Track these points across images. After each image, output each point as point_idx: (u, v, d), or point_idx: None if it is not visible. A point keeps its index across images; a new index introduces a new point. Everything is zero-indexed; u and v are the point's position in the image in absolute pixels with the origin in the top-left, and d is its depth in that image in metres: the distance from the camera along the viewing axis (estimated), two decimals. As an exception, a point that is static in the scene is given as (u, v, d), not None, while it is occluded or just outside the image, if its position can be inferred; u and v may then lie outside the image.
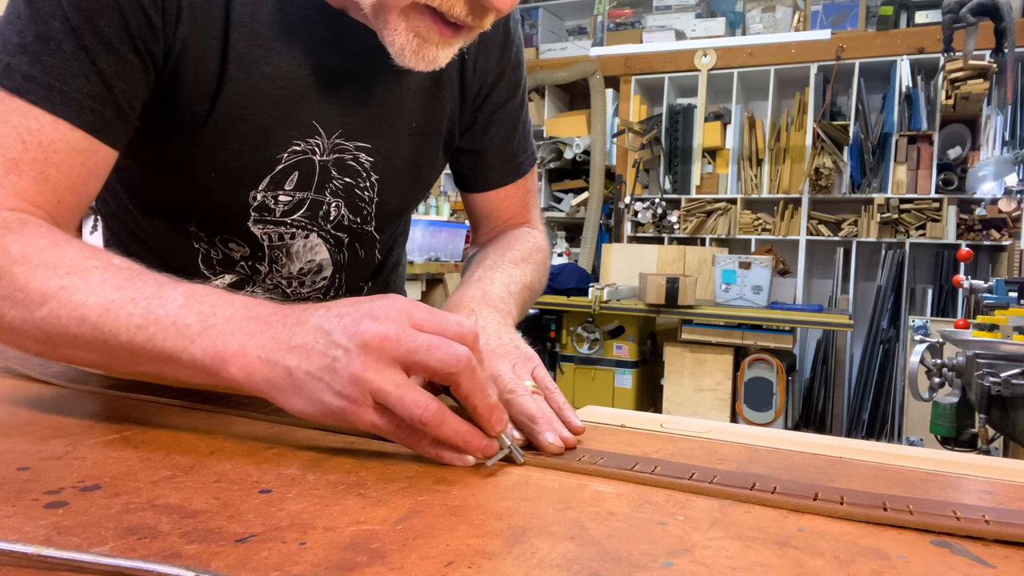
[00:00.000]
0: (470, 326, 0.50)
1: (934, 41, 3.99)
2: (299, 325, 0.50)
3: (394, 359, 0.47)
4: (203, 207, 0.77)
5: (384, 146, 0.78)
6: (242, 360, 0.50)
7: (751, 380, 3.52)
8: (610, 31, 5.06)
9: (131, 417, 0.60)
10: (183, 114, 0.68)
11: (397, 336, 0.47)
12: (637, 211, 4.78)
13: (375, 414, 0.48)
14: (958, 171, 4.13)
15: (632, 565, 0.36)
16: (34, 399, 0.65)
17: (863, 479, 0.51)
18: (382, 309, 0.49)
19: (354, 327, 0.48)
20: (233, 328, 0.51)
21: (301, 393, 0.49)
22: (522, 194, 0.93)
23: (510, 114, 0.88)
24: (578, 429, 0.58)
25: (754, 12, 4.79)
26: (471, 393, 0.49)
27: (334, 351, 0.48)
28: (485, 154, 0.88)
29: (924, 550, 0.39)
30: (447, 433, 0.48)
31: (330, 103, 0.73)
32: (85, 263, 0.55)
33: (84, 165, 0.62)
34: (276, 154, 0.73)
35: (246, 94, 0.69)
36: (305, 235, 0.80)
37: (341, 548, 0.36)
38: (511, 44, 0.85)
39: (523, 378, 0.59)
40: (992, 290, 2.18)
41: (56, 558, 0.33)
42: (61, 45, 0.59)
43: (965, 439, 1.74)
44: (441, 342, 0.48)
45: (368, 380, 0.47)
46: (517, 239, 0.89)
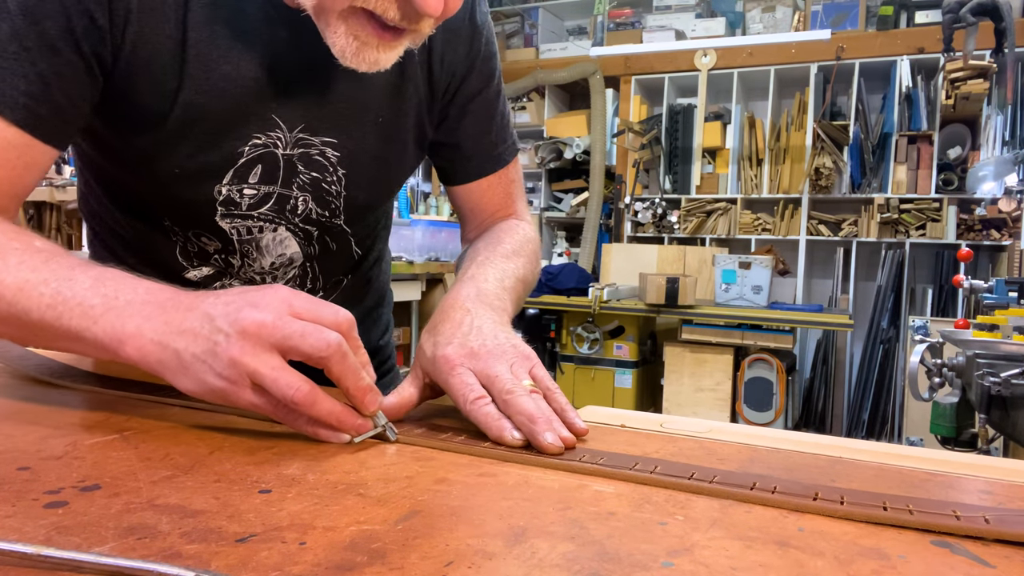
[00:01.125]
0: (345, 315, 0.54)
1: (934, 41, 3.99)
2: (190, 311, 0.54)
3: (271, 344, 0.51)
4: (171, 202, 0.79)
5: (350, 141, 0.80)
6: (137, 341, 0.54)
7: (751, 380, 3.52)
8: (610, 31, 5.06)
9: (131, 417, 0.60)
10: (143, 112, 0.71)
11: (273, 323, 0.51)
12: (637, 211, 4.78)
13: (253, 395, 0.52)
14: (958, 171, 4.13)
15: (632, 565, 0.36)
16: (34, 399, 0.65)
17: (863, 479, 0.51)
18: (264, 298, 0.53)
19: (235, 314, 0.52)
20: (132, 311, 0.55)
21: (187, 374, 0.53)
22: (505, 185, 0.93)
23: (485, 105, 0.88)
24: (580, 431, 0.58)
25: (754, 12, 4.79)
26: (342, 376, 0.53)
27: (216, 336, 0.52)
28: (462, 146, 0.89)
29: (924, 550, 0.39)
30: (320, 412, 0.53)
31: (291, 99, 0.75)
32: (7, 245, 0.59)
33: (20, 159, 0.66)
34: (237, 148, 0.75)
35: (207, 92, 0.71)
36: (273, 228, 0.81)
37: (341, 548, 0.36)
38: (479, 35, 0.85)
39: (521, 378, 0.60)
40: (992, 290, 2.18)
41: (56, 558, 0.33)
42: (5, 47, 0.63)
43: (965, 439, 1.74)
44: (314, 329, 0.52)
45: (245, 363, 0.51)
46: (506, 232, 0.89)
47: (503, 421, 0.56)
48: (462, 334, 0.64)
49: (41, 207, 3.49)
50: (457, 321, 0.66)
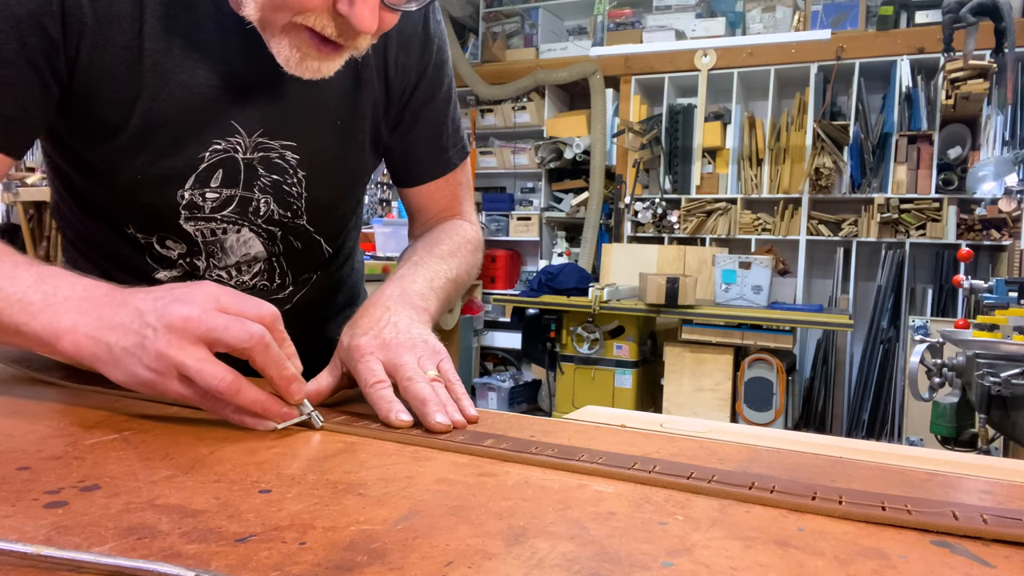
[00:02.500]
0: (269, 308, 0.57)
1: (934, 41, 3.99)
2: (122, 307, 0.57)
3: (196, 337, 0.54)
4: (135, 208, 0.81)
5: (309, 144, 0.82)
6: (72, 336, 0.56)
7: (751, 380, 3.52)
8: (610, 31, 5.06)
9: (131, 417, 0.60)
10: (103, 121, 0.74)
11: (199, 317, 0.54)
12: (637, 211, 4.78)
13: (180, 385, 0.55)
14: (958, 171, 4.13)
15: (632, 565, 0.36)
16: (34, 399, 0.65)
17: (863, 479, 0.51)
18: (191, 294, 0.56)
19: (163, 309, 0.54)
20: (69, 308, 0.58)
21: (119, 366, 0.55)
22: (452, 187, 0.97)
23: (436, 111, 0.92)
24: (471, 417, 0.62)
25: (754, 12, 4.78)
26: (266, 366, 0.56)
27: (145, 330, 0.54)
28: (414, 150, 0.92)
29: (924, 550, 0.39)
30: (244, 401, 0.55)
31: (248, 105, 0.77)
32: None
33: None
34: (198, 153, 0.77)
35: (164, 100, 0.73)
36: (237, 229, 0.84)
37: (341, 548, 0.36)
38: (431, 44, 0.89)
39: (427, 368, 0.64)
40: (992, 290, 2.18)
41: (56, 558, 0.33)
42: None
43: (965, 439, 1.74)
44: (237, 322, 0.54)
45: (171, 356, 0.53)
46: (446, 233, 0.93)
47: (394, 404, 0.60)
48: (377, 328, 0.68)
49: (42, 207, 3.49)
50: (376, 317, 0.70)
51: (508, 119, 5.39)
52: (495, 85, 5.19)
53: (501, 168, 5.46)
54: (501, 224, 5.40)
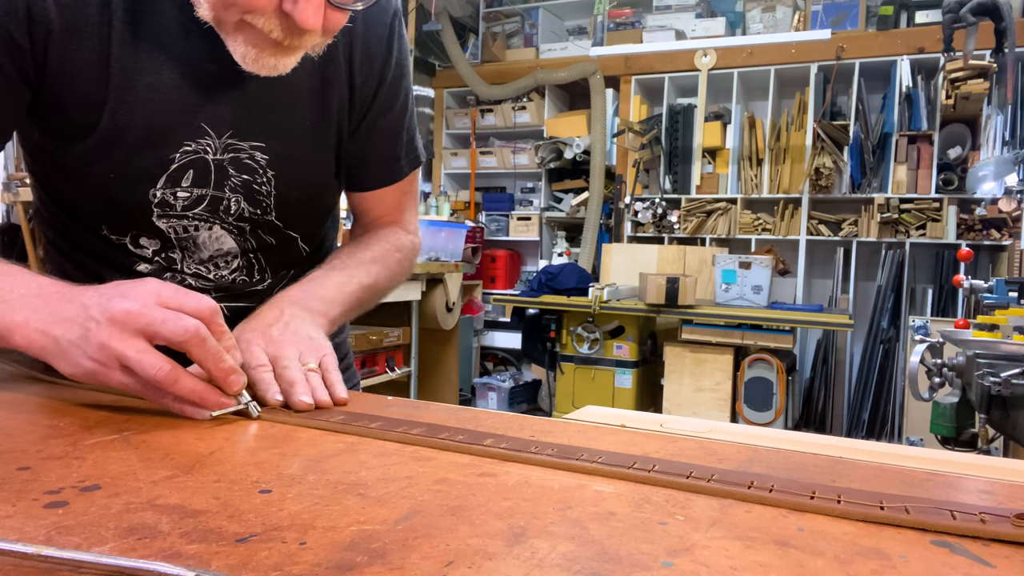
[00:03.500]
0: (208, 303, 0.60)
1: (934, 41, 3.99)
2: (70, 302, 0.60)
3: (136, 330, 0.57)
4: (108, 207, 0.83)
5: (277, 144, 0.84)
6: (24, 330, 0.60)
7: (751, 380, 3.52)
8: (610, 31, 5.06)
9: (131, 417, 0.60)
10: (73, 122, 0.76)
11: (139, 311, 0.57)
12: (637, 211, 4.78)
13: (123, 375, 0.57)
14: (958, 171, 4.13)
15: (632, 565, 0.36)
16: (34, 398, 0.65)
17: (863, 479, 0.51)
18: (133, 289, 0.59)
19: (106, 303, 0.57)
20: (23, 304, 0.61)
21: (65, 357, 0.58)
22: (397, 196, 1.00)
23: (392, 122, 0.94)
24: (340, 399, 0.67)
25: (754, 12, 4.78)
26: (203, 359, 0.58)
27: (89, 323, 0.57)
28: (368, 157, 0.95)
29: (924, 550, 0.39)
30: (182, 390, 0.58)
31: (216, 106, 0.79)
32: None
33: None
34: (168, 155, 0.79)
35: (131, 102, 0.75)
36: (208, 227, 0.86)
37: (341, 548, 0.36)
38: (391, 56, 0.91)
39: (307, 361, 0.69)
40: (992, 290, 2.18)
41: (56, 558, 0.33)
42: None
43: (965, 439, 1.74)
44: (175, 316, 0.57)
45: (112, 347, 0.56)
46: (377, 239, 0.97)
47: (270, 386, 0.65)
48: (265, 325, 0.73)
49: (41, 207, 3.48)
50: (268, 318, 0.75)
51: (508, 119, 5.39)
52: (495, 85, 5.19)
53: (501, 168, 5.46)
54: (501, 224, 5.40)
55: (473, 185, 5.48)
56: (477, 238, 4.94)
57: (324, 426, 0.60)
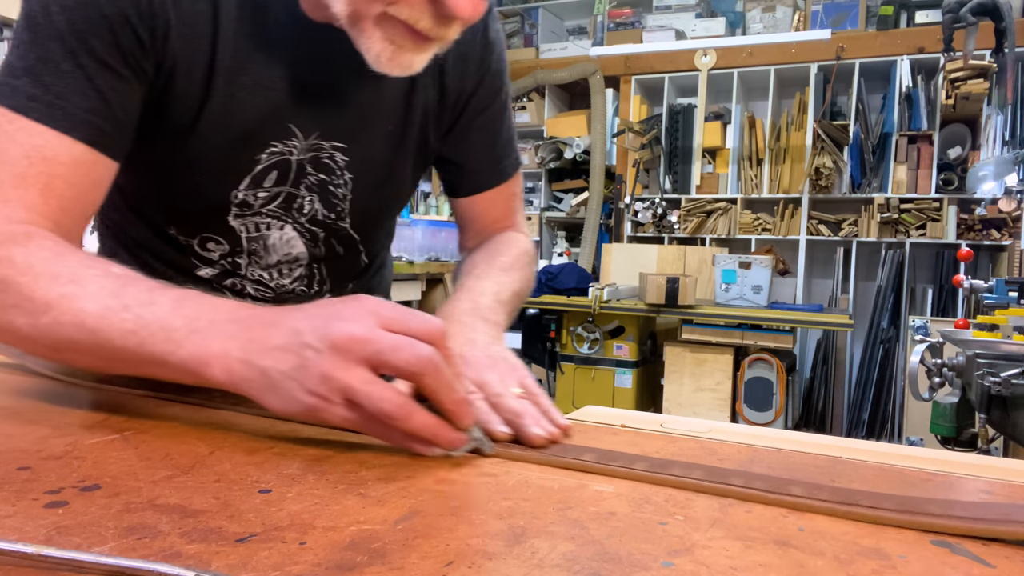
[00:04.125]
0: (437, 325, 0.52)
1: (934, 41, 3.99)
2: (274, 327, 0.52)
3: (362, 358, 0.49)
4: (185, 208, 0.80)
5: (359, 147, 0.82)
6: (223, 362, 0.52)
7: (751, 380, 3.52)
8: (610, 31, 5.06)
9: (131, 417, 0.60)
10: (171, 123, 0.73)
11: (364, 336, 0.49)
12: (637, 211, 4.78)
13: (345, 410, 0.50)
14: (958, 171, 4.13)
15: (632, 565, 0.36)
16: (34, 398, 0.65)
17: (863, 479, 0.51)
18: (350, 310, 0.51)
19: (324, 328, 0.50)
20: (216, 332, 0.53)
21: (276, 392, 0.51)
22: (507, 198, 0.95)
23: (491, 119, 0.90)
24: (564, 427, 0.60)
25: (754, 12, 4.78)
26: (437, 390, 0.51)
27: (305, 351, 0.50)
28: (469, 159, 0.91)
29: (924, 550, 0.39)
30: (415, 426, 0.50)
31: (308, 108, 0.77)
32: (84, 272, 0.58)
33: (87, 176, 0.66)
34: (255, 155, 0.77)
35: (228, 103, 0.73)
36: (280, 226, 0.83)
37: (341, 548, 0.36)
38: (490, 51, 0.87)
39: (510, 385, 0.62)
40: (992, 290, 2.18)
41: (56, 558, 0.33)
42: (60, 65, 0.63)
43: (965, 439, 1.74)
44: (407, 342, 0.50)
45: (337, 379, 0.49)
46: (504, 245, 0.91)
47: (491, 415, 0.58)
48: (456, 345, 0.66)
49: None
50: (452, 334, 0.67)
51: (508, 119, 5.38)
52: (495, 85, 5.19)
53: (501, 168, 5.45)
54: (501, 224, 5.39)
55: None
56: (477, 238, 4.93)
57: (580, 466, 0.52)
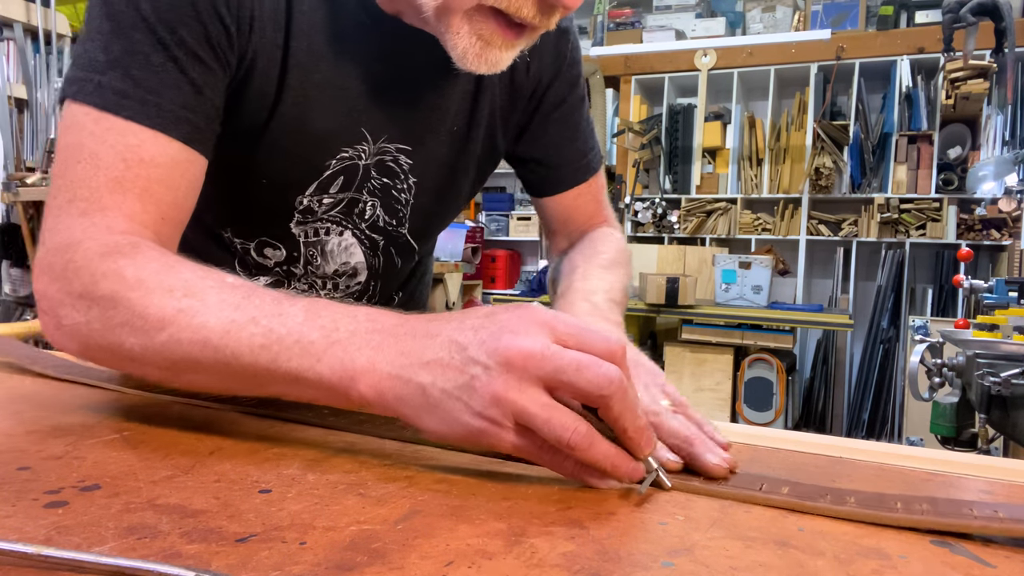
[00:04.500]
0: (618, 340, 0.46)
1: (934, 41, 3.99)
2: (430, 338, 0.47)
3: (538, 378, 0.44)
4: (249, 212, 0.76)
5: (424, 150, 0.78)
6: (372, 377, 0.47)
7: (751, 380, 3.52)
8: (610, 31, 5.06)
9: (131, 417, 0.60)
10: (245, 122, 0.68)
11: (542, 354, 0.44)
12: (637, 211, 4.78)
13: (517, 436, 0.45)
14: (958, 171, 4.13)
15: (632, 565, 0.36)
16: (34, 398, 0.65)
17: (864, 479, 0.51)
18: (520, 321, 0.45)
19: (493, 342, 0.44)
20: (359, 343, 0.48)
21: (436, 412, 0.45)
22: (595, 193, 0.91)
23: (570, 112, 0.86)
24: (725, 446, 0.53)
25: (754, 12, 4.78)
26: (622, 415, 0.45)
27: (472, 368, 0.44)
28: (551, 155, 0.87)
29: (924, 550, 0.39)
30: (596, 457, 0.45)
31: (379, 110, 0.73)
32: (200, 284, 0.53)
33: (184, 177, 0.62)
34: (325, 161, 0.73)
35: (301, 104, 0.68)
36: (340, 232, 0.79)
37: (341, 548, 0.36)
38: (566, 40, 0.83)
39: (657, 398, 0.56)
40: (992, 290, 2.18)
41: (56, 558, 0.33)
42: (149, 57, 0.59)
43: (965, 439, 1.74)
44: (591, 361, 0.44)
45: (511, 401, 0.43)
46: (601, 242, 0.86)
47: (660, 444, 0.52)
48: None
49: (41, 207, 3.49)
50: None
51: (508, 119, 5.38)
52: (495, 85, 5.19)
53: (501, 168, 5.43)
54: (501, 224, 5.39)
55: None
56: (477, 238, 4.93)
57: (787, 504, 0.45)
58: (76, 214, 0.58)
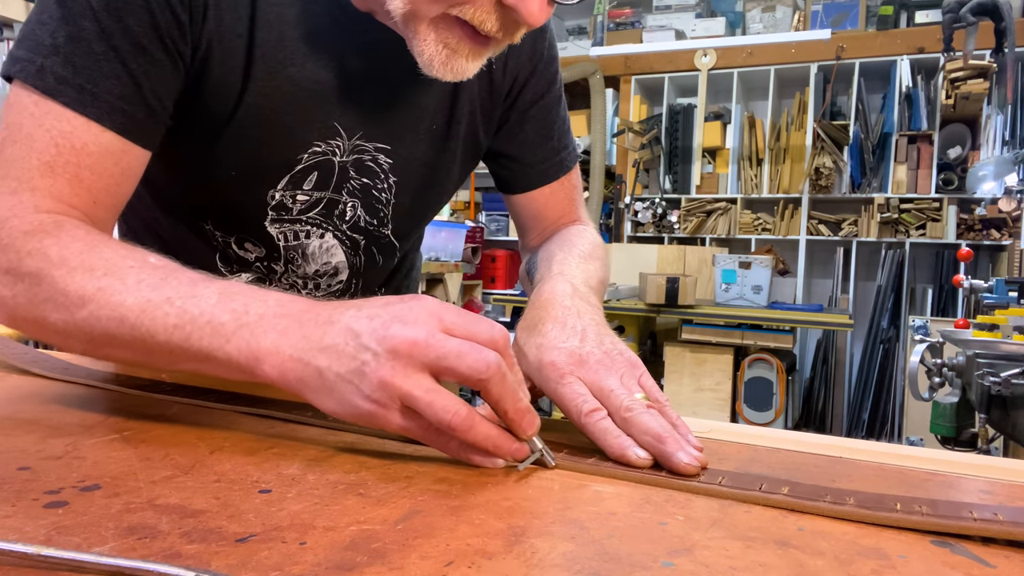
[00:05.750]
0: (500, 330, 0.50)
1: (934, 41, 3.99)
2: (330, 324, 0.50)
3: (423, 364, 0.47)
4: (221, 206, 0.77)
5: (403, 148, 0.78)
6: (275, 359, 0.50)
7: (751, 380, 3.51)
8: (610, 31, 5.06)
9: (131, 417, 0.60)
10: (207, 113, 0.69)
11: (426, 341, 0.47)
12: (637, 211, 4.78)
13: (403, 418, 0.48)
14: (958, 171, 4.13)
15: (632, 565, 0.36)
16: (34, 398, 0.65)
17: (863, 479, 0.51)
18: (412, 312, 0.48)
19: (383, 331, 0.47)
20: (266, 326, 0.51)
21: (332, 394, 0.49)
22: (568, 190, 0.91)
23: (546, 109, 0.86)
24: (698, 446, 0.52)
25: (754, 12, 4.79)
26: (501, 398, 0.48)
27: (363, 355, 0.47)
28: (524, 153, 0.87)
29: (924, 550, 0.39)
30: (477, 438, 0.48)
31: (353, 106, 0.73)
32: (121, 263, 0.55)
33: (117, 166, 0.63)
34: (297, 155, 0.73)
35: (270, 95, 0.69)
36: (320, 234, 0.79)
37: (341, 548, 0.36)
38: (543, 39, 0.83)
39: (633, 390, 0.56)
40: (992, 290, 2.18)
41: (56, 558, 0.33)
42: (92, 46, 0.60)
43: (965, 439, 1.74)
44: (471, 348, 0.47)
45: (397, 385, 0.47)
46: (577, 236, 0.86)
47: (623, 439, 0.52)
48: (566, 337, 0.60)
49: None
50: (560, 320, 0.62)
51: (508, 119, 5.38)
52: (495, 85, 5.19)
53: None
54: (501, 224, 5.40)
55: (473, 185, 5.47)
56: (477, 238, 4.94)
57: (786, 504, 0.45)
58: (6, 192, 0.60)
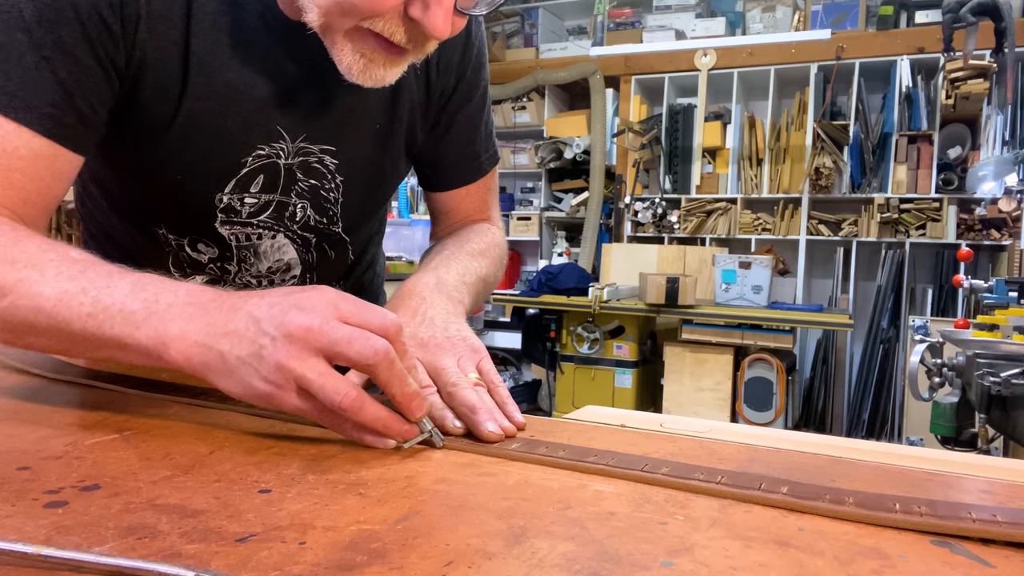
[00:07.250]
0: (392, 319, 0.53)
1: (934, 41, 3.98)
2: (233, 311, 0.53)
3: (317, 349, 0.50)
4: (170, 209, 0.79)
5: (348, 149, 0.81)
6: (181, 344, 0.53)
7: (751, 380, 3.51)
8: (610, 31, 5.06)
9: (131, 417, 0.60)
10: (147, 118, 0.72)
11: (320, 328, 0.50)
12: (637, 211, 4.78)
13: (299, 399, 0.51)
14: (958, 171, 4.13)
15: (632, 565, 0.36)
16: (34, 398, 0.65)
17: (863, 479, 0.51)
18: (309, 300, 0.52)
19: (281, 316, 0.51)
20: (174, 314, 0.54)
21: (233, 376, 0.52)
22: (483, 192, 0.95)
23: (472, 114, 0.90)
24: (519, 424, 0.60)
25: (754, 12, 4.78)
26: (389, 383, 0.52)
27: (262, 339, 0.51)
28: (448, 154, 0.91)
29: (924, 550, 0.39)
30: (366, 418, 0.52)
31: (293, 109, 0.76)
32: (42, 256, 0.58)
33: (48, 169, 0.65)
34: (240, 158, 0.76)
35: (209, 99, 0.71)
36: (272, 235, 0.82)
37: (341, 548, 0.36)
38: (472, 45, 0.87)
39: (468, 371, 0.61)
40: (992, 290, 2.18)
41: (56, 558, 0.33)
42: (24, 57, 0.62)
43: (965, 439, 1.74)
44: (361, 335, 0.51)
45: (291, 368, 0.50)
46: (476, 233, 0.91)
47: (445, 411, 0.58)
48: (415, 323, 0.66)
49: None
50: (412, 309, 0.68)
51: (508, 119, 5.39)
52: (495, 85, 5.19)
53: (501, 168, 5.43)
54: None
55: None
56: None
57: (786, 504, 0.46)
58: None
